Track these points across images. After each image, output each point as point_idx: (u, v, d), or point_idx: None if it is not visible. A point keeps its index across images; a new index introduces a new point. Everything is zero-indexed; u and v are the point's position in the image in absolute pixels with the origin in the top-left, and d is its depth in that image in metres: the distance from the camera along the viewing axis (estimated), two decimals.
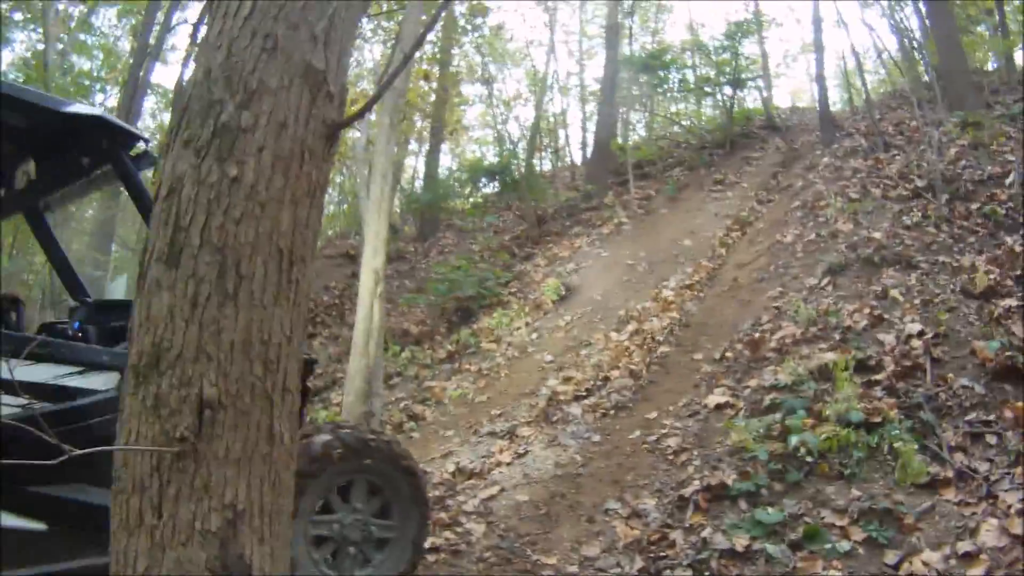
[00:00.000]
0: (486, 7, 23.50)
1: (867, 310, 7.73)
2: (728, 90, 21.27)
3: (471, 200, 22.25)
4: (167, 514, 2.25)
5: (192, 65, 2.81)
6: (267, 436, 2.42)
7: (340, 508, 4.99)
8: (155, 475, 2.28)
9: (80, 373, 4.22)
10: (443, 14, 16.87)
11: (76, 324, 5.05)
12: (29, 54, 18.97)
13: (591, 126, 21.99)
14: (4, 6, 16.78)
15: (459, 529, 6.00)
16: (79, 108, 4.74)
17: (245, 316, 2.37)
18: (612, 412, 8.06)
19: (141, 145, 4.89)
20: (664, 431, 7.07)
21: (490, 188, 22.04)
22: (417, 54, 21.88)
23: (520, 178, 18.84)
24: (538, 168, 23.55)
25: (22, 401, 3.63)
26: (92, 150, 4.78)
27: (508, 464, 7.24)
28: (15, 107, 4.28)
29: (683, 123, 23.74)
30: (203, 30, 2.74)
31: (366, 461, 5.06)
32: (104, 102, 20.80)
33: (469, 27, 23.47)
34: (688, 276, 12.03)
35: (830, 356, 6.93)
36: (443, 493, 6.73)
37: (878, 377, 6.61)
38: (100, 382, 4.23)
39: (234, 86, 2.51)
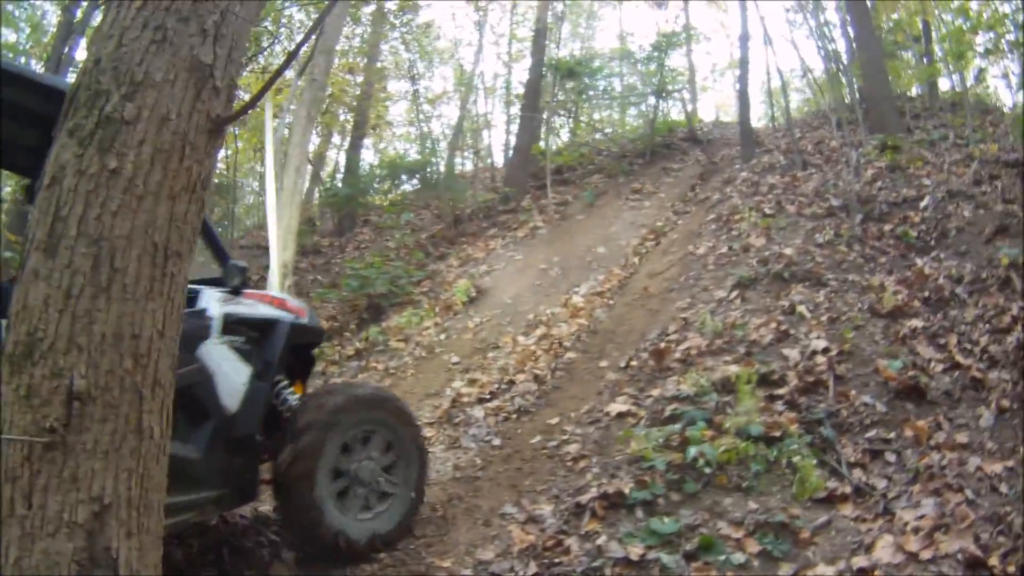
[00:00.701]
0: (416, 4, 23.36)
1: (774, 325, 7.66)
2: (652, 100, 21.39)
3: (390, 197, 21.90)
4: (36, 504, 2.28)
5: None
6: (136, 430, 2.44)
7: (357, 453, 5.41)
8: (26, 465, 2.29)
9: None
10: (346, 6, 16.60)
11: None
12: None
13: (514, 129, 21.79)
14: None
15: None
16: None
17: (117, 309, 2.40)
18: (515, 416, 7.91)
19: None
20: (565, 437, 6.91)
21: (410, 186, 21.81)
22: (344, 46, 21.75)
23: (439, 177, 18.64)
24: (459, 168, 23.38)
25: None
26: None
27: None
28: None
29: (606, 131, 23.75)
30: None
31: (377, 414, 5.54)
32: None
33: (398, 22, 23.27)
34: (599, 283, 11.90)
35: (734, 369, 6.84)
36: None
37: (781, 392, 6.54)
38: None
39: (121, 77, 2.52)
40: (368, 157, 26.06)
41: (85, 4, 19.10)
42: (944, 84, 18.96)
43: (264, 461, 5.30)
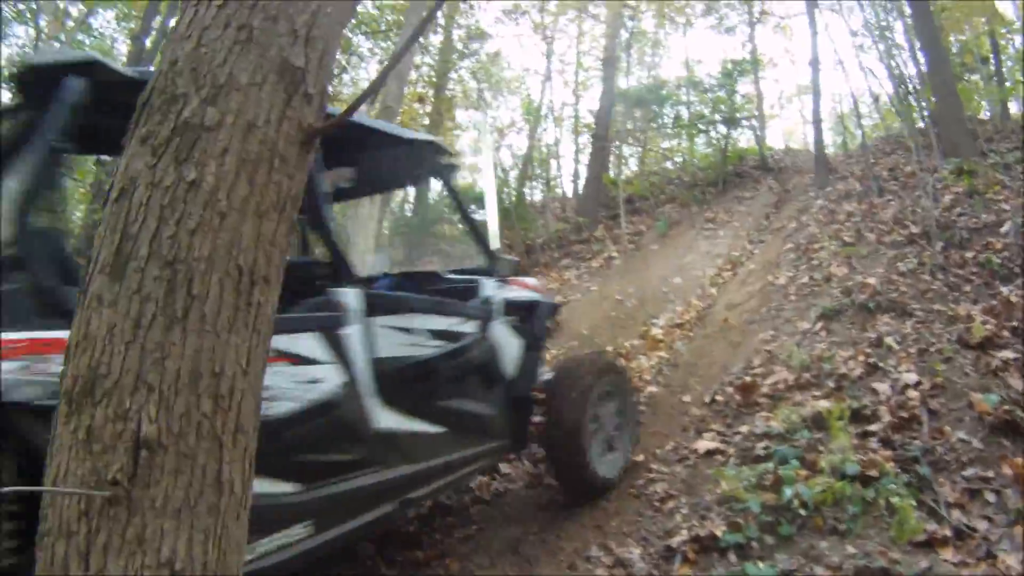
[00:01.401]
0: (484, 32, 23.54)
1: (861, 357, 7.56)
2: (722, 128, 21.24)
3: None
4: (95, 568, 1.93)
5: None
6: (214, 483, 2.06)
7: (602, 409, 6.66)
8: (83, 521, 1.95)
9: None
10: (437, 18, 16.79)
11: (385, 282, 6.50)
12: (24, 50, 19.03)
13: (584, 158, 21.86)
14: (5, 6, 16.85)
15: (429, 573, 5.81)
16: (418, 135, 6.17)
17: (194, 342, 2.02)
18: None
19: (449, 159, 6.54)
20: (651, 476, 6.81)
21: (480, 215, 21.79)
22: (413, 75, 21.96)
23: (510, 207, 18.70)
24: (529, 198, 23.36)
25: (438, 343, 5.30)
26: (426, 166, 6.22)
27: (487, 503, 7.00)
28: (382, 139, 5.68)
29: (676, 160, 23.70)
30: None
31: (615, 379, 6.91)
32: None
33: (466, 51, 23.47)
34: (678, 315, 11.79)
35: (824, 404, 6.74)
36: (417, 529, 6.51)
37: (873, 428, 6.41)
38: (470, 327, 5.71)
39: (200, 79, 2.18)
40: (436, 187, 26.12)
41: (153, 34, 19.72)
42: (1015, 106, 18.69)
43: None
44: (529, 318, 6.53)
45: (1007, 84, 18.08)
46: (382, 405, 4.68)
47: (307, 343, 4.28)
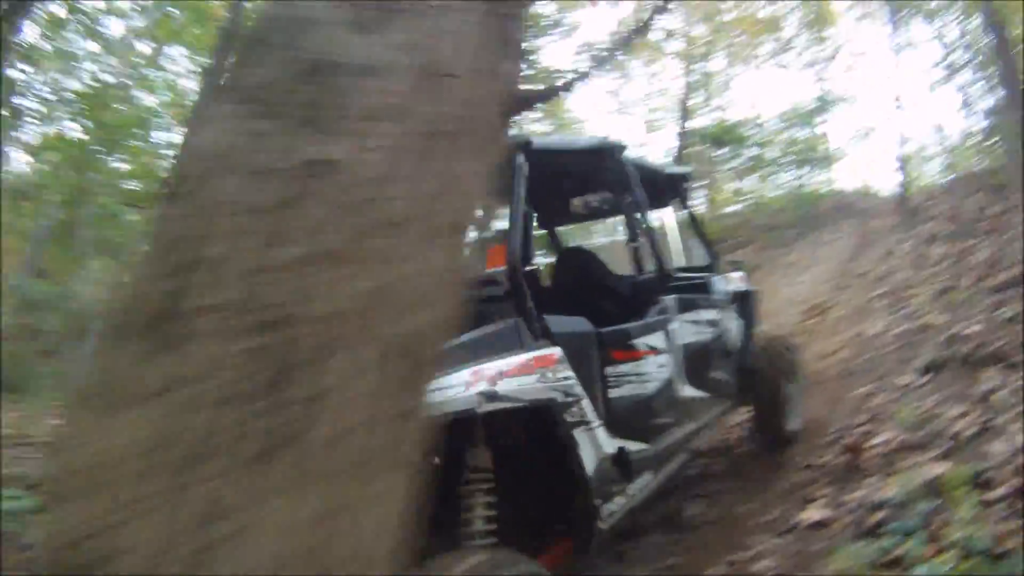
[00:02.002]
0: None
1: (973, 415, 7.15)
2: (799, 169, 20.94)
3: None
4: None
5: None
6: None
7: (789, 375, 8.42)
8: None
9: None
10: None
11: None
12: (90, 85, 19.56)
13: None
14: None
15: None
16: (675, 168, 8.38)
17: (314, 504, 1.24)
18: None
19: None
20: (754, 550, 6.36)
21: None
22: None
23: None
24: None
25: (709, 330, 7.20)
26: (679, 192, 8.18)
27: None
28: (646, 173, 6.90)
29: (752, 200, 23.39)
30: None
31: (797, 354, 9.04)
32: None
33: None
34: None
35: (941, 469, 6.36)
36: None
37: (997, 494, 6.01)
38: (719, 315, 7.50)
39: None
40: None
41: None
42: None
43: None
44: (745, 305, 8.33)
45: None
46: (684, 380, 6.25)
47: (658, 338, 5.86)
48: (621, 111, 28.55)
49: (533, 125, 24.89)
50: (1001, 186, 14.26)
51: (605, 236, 17.15)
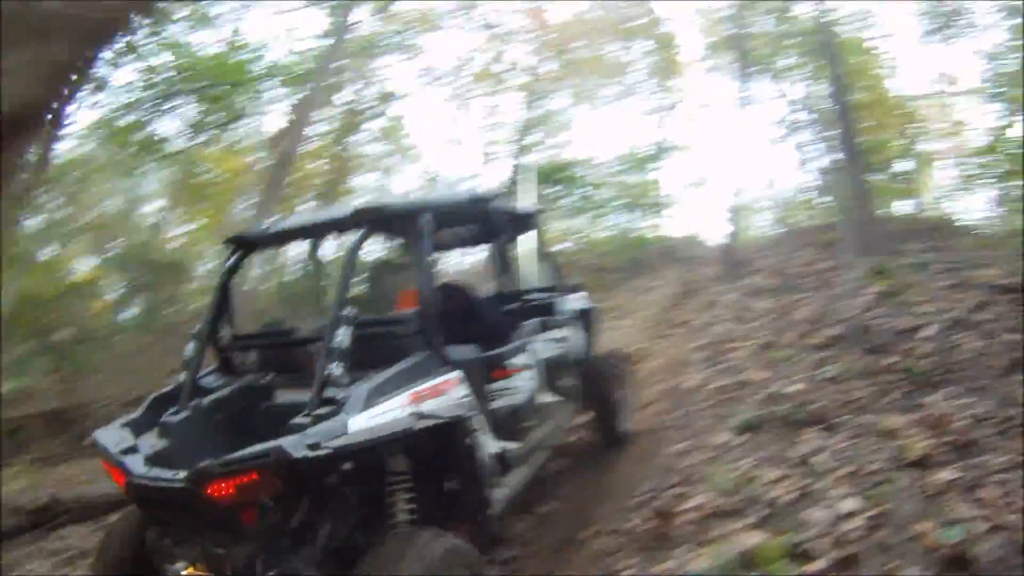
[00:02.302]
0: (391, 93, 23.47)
1: (792, 479, 6.66)
2: (629, 212, 20.97)
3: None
4: None
5: None
6: None
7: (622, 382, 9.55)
8: None
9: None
10: None
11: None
12: None
13: None
14: None
15: None
16: (527, 208, 9.33)
17: None
18: None
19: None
20: None
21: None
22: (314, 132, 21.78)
23: None
24: None
25: (561, 343, 7.98)
26: (530, 226, 8.90)
27: None
28: (507, 213, 8.12)
29: (580, 239, 23.30)
30: None
31: (629, 364, 10.39)
32: None
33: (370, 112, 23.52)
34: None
35: (757, 539, 5.80)
36: None
37: (816, 567, 5.45)
38: (567, 330, 8.34)
39: None
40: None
41: None
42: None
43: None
44: (586, 320, 9.20)
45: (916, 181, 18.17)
46: (545, 388, 7.21)
47: (524, 357, 6.85)
48: (456, 141, 28.17)
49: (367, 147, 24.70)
50: (829, 243, 14.31)
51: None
